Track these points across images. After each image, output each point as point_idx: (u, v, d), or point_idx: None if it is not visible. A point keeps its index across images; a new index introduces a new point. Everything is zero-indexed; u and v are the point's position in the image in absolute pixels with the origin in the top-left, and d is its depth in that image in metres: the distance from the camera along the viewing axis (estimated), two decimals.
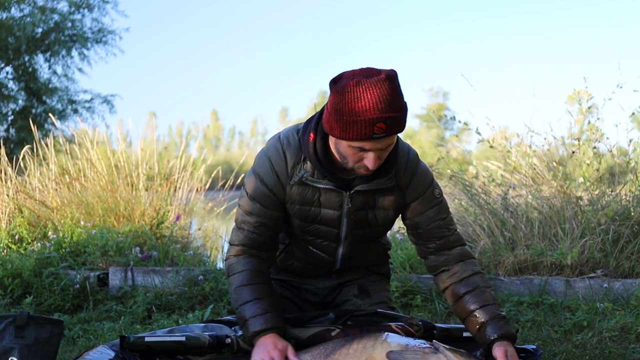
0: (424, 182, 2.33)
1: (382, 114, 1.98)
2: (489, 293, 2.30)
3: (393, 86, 2.01)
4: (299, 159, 2.25)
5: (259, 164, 2.29)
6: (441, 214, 2.36)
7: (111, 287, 4.11)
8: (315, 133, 2.20)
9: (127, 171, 5.73)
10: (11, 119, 18.59)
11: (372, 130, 1.99)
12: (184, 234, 5.70)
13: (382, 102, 1.98)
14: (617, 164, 4.59)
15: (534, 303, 3.62)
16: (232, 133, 74.11)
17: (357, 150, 2.07)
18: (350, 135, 2.01)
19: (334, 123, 2.04)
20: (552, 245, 4.18)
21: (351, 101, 1.99)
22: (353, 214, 2.31)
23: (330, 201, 2.28)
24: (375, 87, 1.98)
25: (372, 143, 2.04)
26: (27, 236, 4.92)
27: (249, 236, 2.32)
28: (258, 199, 2.29)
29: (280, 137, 2.30)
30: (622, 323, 3.14)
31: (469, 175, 5.13)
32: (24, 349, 2.37)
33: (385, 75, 2.00)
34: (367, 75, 2.01)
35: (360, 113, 1.98)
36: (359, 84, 1.99)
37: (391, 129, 2.01)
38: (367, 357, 2.04)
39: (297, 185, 2.26)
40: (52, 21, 17.49)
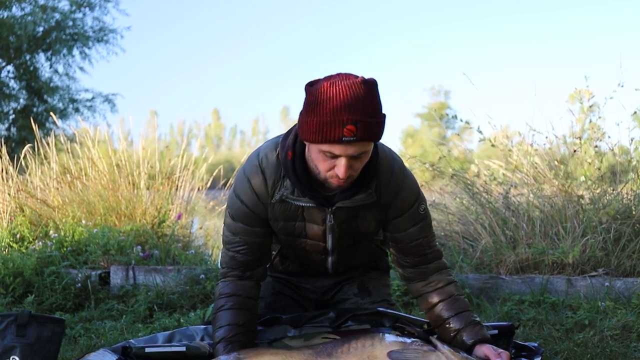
0: (410, 199, 2.27)
1: (352, 116, 1.90)
2: (462, 301, 2.30)
3: (369, 91, 1.93)
4: (279, 176, 2.19)
5: (239, 184, 2.25)
6: (424, 232, 2.31)
7: (112, 286, 4.11)
8: (293, 152, 2.13)
9: (128, 170, 5.73)
10: (12, 118, 18.60)
11: (341, 132, 1.91)
12: (185, 232, 5.69)
13: (354, 105, 1.90)
14: (618, 162, 4.59)
15: (535, 302, 3.62)
16: (233, 132, 74.11)
17: (328, 157, 1.99)
18: (319, 137, 1.94)
19: (304, 125, 1.98)
20: (553, 244, 4.17)
21: (323, 102, 1.92)
22: (337, 227, 2.27)
23: (313, 216, 2.24)
24: (349, 89, 1.92)
25: (342, 147, 1.95)
26: (29, 235, 4.92)
27: (235, 257, 2.30)
28: (240, 219, 2.25)
29: (259, 154, 2.24)
30: (624, 322, 3.14)
31: (471, 174, 5.13)
32: (26, 348, 2.37)
33: (362, 79, 1.93)
34: (344, 78, 1.94)
35: (331, 114, 1.91)
36: (333, 85, 1.92)
37: (362, 134, 1.93)
38: (369, 355, 2.04)
39: (279, 203, 2.21)
40: (54, 20, 17.49)
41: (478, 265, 4.19)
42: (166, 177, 5.80)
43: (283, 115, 67.00)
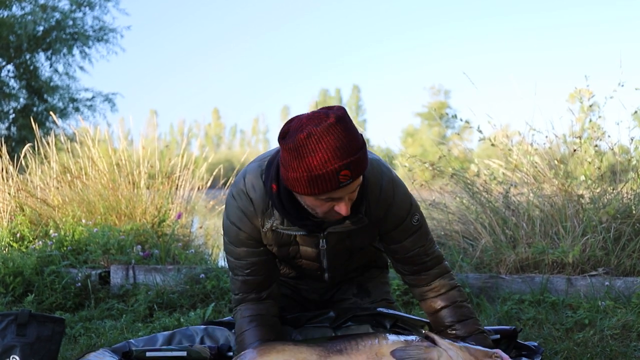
0: (401, 212, 2.23)
1: (344, 161, 1.86)
2: (467, 307, 2.29)
3: (345, 127, 1.88)
4: (267, 206, 2.15)
5: (232, 213, 2.20)
6: (420, 241, 2.28)
7: (113, 286, 4.11)
8: (277, 185, 2.08)
9: (128, 169, 5.73)
10: (12, 117, 18.61)
11: (337, 180, 1.87)
12: (185, 232, 5.70)
13: (340, 149, 1.85)
14: (618, 162, 4.59)
15: (535, 301, 3.62)
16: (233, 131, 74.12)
17: (326, 201, 1.97)
18: (315, 190, 1.90)
19: (294, 182, 1.92)
20: (553, 243, 4.17)
21: (307, 156, 1.86)
22: (330, 250, 2.26)
23: (306, 241, 2.23)
24: (327, 134, 1.85)
25: (340, 191, 1.92)
26: (29, 234, 4.92)
27: (245, 280, 2.27)
28: (242, 244, 2.22)
29: (245, 181, 2.18)
30: (624, 321, 3.14)
31: (471, 173, 5.13)
32: (26, 347, 2.38)
33: (334, 118, 1.87)
34: (316, 124, 1.87)
35: (320, 166, 1.85)
36: (310, 135, 1.85)
37: (356, 172, 1.90)
38: (377, 352, 2.05)
39: (270, 232, 2.19)
40: (54, 19, 17.49)
41: (478, 265, 4.19)
42: (166, 177, 5.80)
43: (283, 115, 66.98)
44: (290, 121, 1.96)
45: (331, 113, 1.89)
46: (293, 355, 2.07)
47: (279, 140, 1.94)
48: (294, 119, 1.94)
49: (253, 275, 2.26)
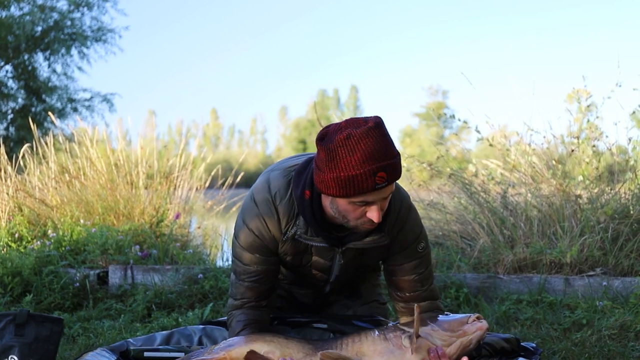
0: (411, 236, 2.27)
1: (381, 163, 1.90)
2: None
3: (383, 133, 1.93)
4: (292, 214, 2.16)
5: (252, 220, 2.20)
6: (420, 268, 2.31)
7: (111, 286, 4.11)
8: (310, 191, 2.09)
9: (126, 170, 5.73)
10: (11, 118, 18.61)
11: (374, 182, 1.91)
12: (183, 232, 5.70)
13: (378, 151, 1.90)
14: (616, 162, 4.59)
15: (533, 301, 3.62)
16: (231, 131, 74.10)
17: (359, 206, 1.98)
18: (351, 191, 1.92)
19: (330, 182, 1.94)
20: (551, 243, 4.18)
21: (346, 156, 1.90)
22: (344, 266, 2.28)
23: (321, 252, 2.24)
24: (366, 136, 1.90)
25: (375, 194, 1.95)
26: (27, 234, 4.92)
27: (250, 287, 2.28)
28: (255, 251, 2.23)
29: (270, 189, 2.19)
30: (622, 321, 3.15)
31: (469, 173, 5.14)
32: (24, 347, 2.38)
33: (373, 123, 1.92)
34: (355, 126, 1.92)
35: (358, 166, 1.89)
36: (349, 137, 1.90)
37: (392, 177, 1.94)
38: (357, 351, 2.06)
39: (290, 240, 2.20)
40: (52, 20, 17.49)
41: (476, 265, 4.19)
42: (164, 177, 5.80)
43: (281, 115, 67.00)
44: (328, 126, 2.00)
45: (370, 119, 1.94)
46: (280, 348, 2.09)
47: (317, 142, 1.97)
48: (332, 125, 1.99)
49: (259, 283, 2.27)
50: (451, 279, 3.82)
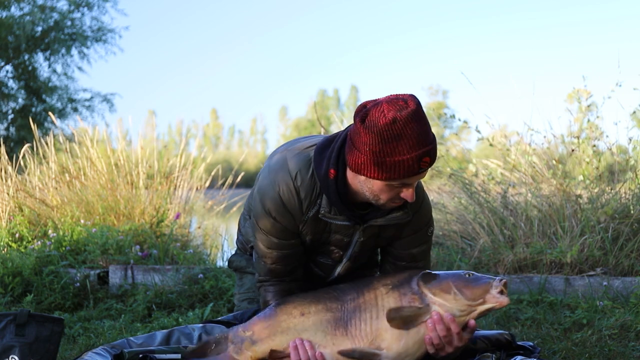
0: (423, 219, 2.28)
1: (426, 148, 1.94)
2: None
3: (423, 115, 1.95)
4: (315, 194, 2.15)
5: (270, 202, 2.17)
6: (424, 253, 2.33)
7: (111, 286, 4.12)
8: (336, 170, 2.08)
9: (127, 170, 5.73)
10: (11, 118, 18.61)
11: (419, 167, 1.94)
12: (183, 232, 5.70)
13: (422, 135, 1.93)
14: (616, 162, 4.60)
15: (533, 301, 3.62)
16: (231, 132, 74.14)
17: (397, 187, 2.01)
18: (396, 175, 1.95)
19: (372, 165, 1.96)
20: (551, 243, 4.18)
21: (392, 141, 1.91)
22: (361, 243, 2.28)
23: (341, 229, 2.23)
24: (412, 120, 1.92)
25: (417, 177, 1.99)
26: (28, 234, 4.92)
27: (271, 268, 2.29)
28: (275, 234, 2.22)
29: (290, 170, 2.16)
30: (622, 321, 3.15)
31: (469, 173, 5.14)
32: (25, 347, 2.38)
33: (415, 105, 1.93)
34: (398, 109, 1.93)
35: (405, 152, 1.92)
36: (395, 121, 1.91)
37: (434, 160, 1.99)
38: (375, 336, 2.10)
39: (311, 220, 2.19)
40: (52, 20, 17.50)
41: (476, 265, 4.19)
42: (164, 177, 5.80)
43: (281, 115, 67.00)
44: (364, 106, 1.99)
45: (409, 100, 1.95)
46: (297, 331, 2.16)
47: (357, 120, 1.97)
48: (370, 103, 1.99)
49: (281, 265, 2.28)
50: None
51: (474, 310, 2.07)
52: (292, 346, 2.13)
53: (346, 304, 2.17)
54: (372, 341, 2.10)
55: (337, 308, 2.17)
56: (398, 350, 2.09)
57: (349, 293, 2.19)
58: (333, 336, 2.14)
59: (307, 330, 2.16)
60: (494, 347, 2.33)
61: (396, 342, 2.08)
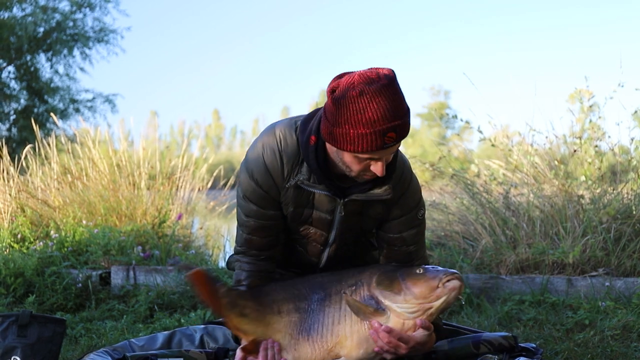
0: (413, 201, 2.27)
1: (391, 123, 1.92)
2: None
3: (395, 90, 1.94)
4: (297, 161, 2.16)
5: (254, 164, 2.20)
6: (417, 236, 2.31)
7: (113, 286, 4.12)
8: (317, 137, 2.10)
9: (129, 170, 5.73)
10: (13, 119, 18.60)
11: (383, 142, 1.93)
12: (185, 233, 5.70)
13: (390, 110, 1.91)
14: (618, 162, 4.59)
15: (535, 302, 3.62)
16: (233, 132, 74.13)
17: (364, 160, 2.00)
18: (359, 148, 1.94)
19: (338, 137, 1.96)
20: (553, 243, 4.17)
21: (357, 113, 1.91)
22: (344, 221, 2.26)
23: (323, 204, 2.22)
24: (379, 95, 1.91)
25: (382, 152, 1.98)
26: (30, 235, 4.92)
27: (248, 239, 2.29)
28: (254, 199, 2.23)
29: (276, 134, 2.19)
30: (624, 322, 3.14)
31: (471, 174, 5.13)
32: (27, 348, 2.38)
33: (387, 80, 1.92)
34: (368, 82, 1.92)
35: (369, 125, 1.91)
36: (362, 93, 1.90)
37: (400, 136, 1.96)
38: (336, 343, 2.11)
39: (293, 188, 2.19)
40: (54, 20, 17.49)
41: (478, 265, 4.19)
42: (167, 178, 5.81)
43: (283, 115, 66.83)
44: (339, 77, 1.99)
45: (382, 74, 1.94)
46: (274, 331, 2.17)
47: (328, 93, 1.98)
48: (344, 76, 1.98)
49: (257, 237, 2.28)
50: None
51: (430, 308, 2.06)
52: (263, 347, 2.14)
53: (312, 304, 2.18)
54: (332, 348, 2.11)
55: (304, 309, 2.17)
56: (357, 357, 2.10)
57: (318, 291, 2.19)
58: (296, 341, 2.15)
59: (280, 331, 2.17)
60: (496, 352, 2.33)
61: (356, 350, 2.09)
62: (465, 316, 3.51)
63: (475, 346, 2.33)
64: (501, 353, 2.32)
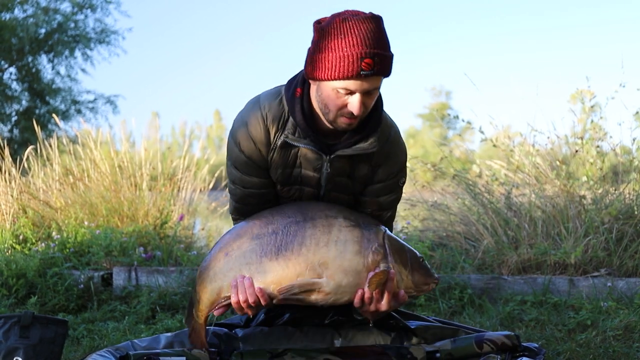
0: (396, 166, 2.29)
1: (370, 49, 1.93)
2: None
3: (380, 26, 1.98)
4: (282, 120, 2.18)
5: (237, 131, 2.23)
6: (392, 205, 2.35)
7: (115, 287, 4.12)
8: (302, 89, 2.14)
9: (130, 171, 5.74)
10: (15, 120, 18.62)
11: (359, 66, 1.93)
12: (187, 234, 5.70)
13: (370, 38, 1.94)
14: (620, 162, 4.59)
15: (537, 302, 3.62)
16: None
17: (341, 94, 2.01)
18: (336, 72, 1.95)
19: (318, 62, 1.98)
20: (555, 244, 4.17)
21: (337, 36, 1.94)
22: (331, 178, 2.25)
23: (309, 162, 2.23)
24: (362, 23, 1.95)
25: (359, 83, 1.97)
26: (31, 236, 4.93)
27: (237, 207, 2.35)
28: (238, 166, 2.26)
29: (260, 101, 2.22)
30: (626, 322, 3.14)
31: (472, 174, 5.14)
32: (29, 349, 2.38)
33: (371, 15, 1.98)
34: (354, 14, 1.98)
35: (348, 48, 1.93)
36: (345, 20, 1.95)
37: (379, 67, 1.96)
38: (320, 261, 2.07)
39: (279, 149, 2.20)
40: (55, 22, 17.50)
41: (480, 266, 4.19)
42: (168, 179, 5.81)
43: None
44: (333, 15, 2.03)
45: (370, 13, 1.99)
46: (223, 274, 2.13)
47: (314, 25, 2.02)
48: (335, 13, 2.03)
49: (242, 204, 2.33)
50: (455, 280, 3.81)
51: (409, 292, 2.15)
52: (233, 285, 2.10)
53: (285, 227, 2.11)
54: (312, 266, 2.05)
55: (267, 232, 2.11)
56: (339, 283, 2.06)
57: (292, 215, 2.14)
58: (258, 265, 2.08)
59: (231, 269, 2.10)
60: (499, 351, 2.33)
61: (340, 275, 2.06)
62: (467, 316, 3.51)
63: (478, 345, 2.33)
64: (504, 353, 2.32)
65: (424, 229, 5.06)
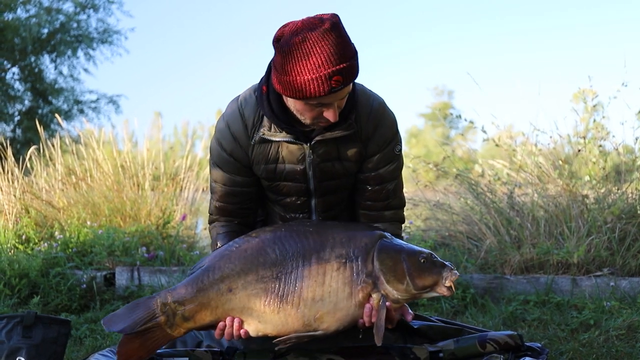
0: (388, 134, 2.26)
1: (336, 67, 1.91)
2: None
3: (340, 34, 1.94)
4: (258, 116, 2.19)
5: (218, 129, 2.26)
6: (395, 172, 2.31)
7: (118, 287, 4.12)
8: (267, 86, 2.14)
9: (133, 171, 5.74)
10: (17, 120, 18.68)
11: (329, 85, 1.92)
12: (190, 233, 5.70)
13: (334, 54, 1.91)
14: (623, 162, 4.58)
15: (540, 302, 3.61)
16: None
17: (315, 107, 2.01)
18: (307, 94, 1.95)
19: (287, 85, 1.97)
20: (558, 243, 4.17)
21: (301, 59, 1.91)
22: (317, 166, 2.24)
23: (291, 155, 2.22)
24: (322, 39, 1.91)
25: (331, 97, 1.98)
26: (34, 236, 4.93)
27: (218, 205, 2.34)
28: (220, 164, 2.28)
29: (239, 98, 2.25)
30: (629, 322, 3.13)
31: (475, 174, 5.13)
32: (32, 349, 2.38)
33: (329, 25, 1.92)
34: (311, 28, 1.92)
35: (314, 70, 1.91)
36: (304, 40, 1.91)
37: (347, 79, 1.95)
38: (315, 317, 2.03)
39: (259, 145, 2.21)
40: (58, 22, 17.54)
41: (482, 265, 4.18)
42: (170, 178, 5.81)
43: None
44: (284, 26, 2.00)
45: (326, 19, 1.94)
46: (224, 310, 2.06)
47: (273, 44, 1.99)
48: (289, 24, 1.99)
49: (225, 203, 2.32)
50: (457, 280, 3.81)
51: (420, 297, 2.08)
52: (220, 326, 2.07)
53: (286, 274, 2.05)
54: (309, 323, 2.03)
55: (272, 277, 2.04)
56: (334, 330, 2.05)
57: (294, 258, 2.05)
58: (261, 313, 2.04)
59: (234, 309, 2.06)
60: (502, 350, 2.32)
61: (336, 324, 2.04)
62: (469, 316, 3.51)
63: (481, 345, 2.32)
64: (507, 352, 2.31)
65: (426, 229, 5.06)
